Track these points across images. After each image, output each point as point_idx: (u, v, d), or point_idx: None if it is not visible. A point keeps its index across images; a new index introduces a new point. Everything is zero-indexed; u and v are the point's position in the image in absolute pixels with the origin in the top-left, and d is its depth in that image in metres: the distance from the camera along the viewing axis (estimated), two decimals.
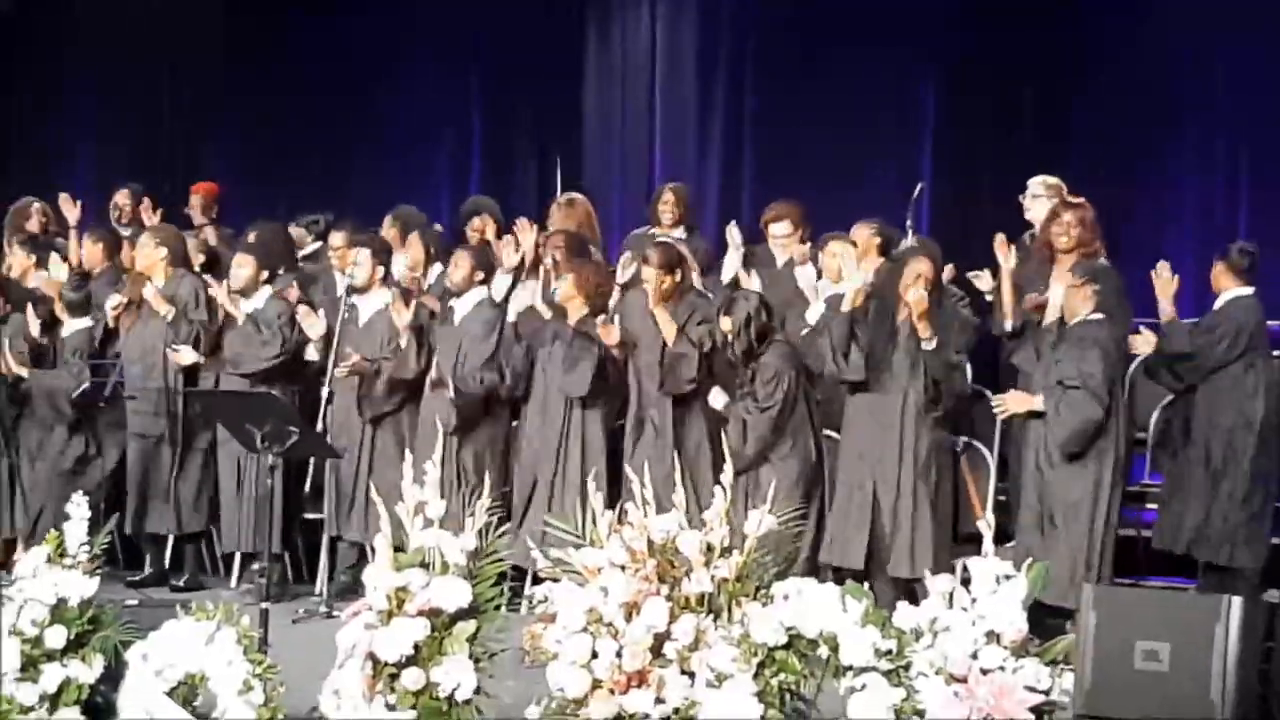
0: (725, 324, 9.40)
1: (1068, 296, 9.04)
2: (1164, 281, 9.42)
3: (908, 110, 13.53)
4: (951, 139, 13.21)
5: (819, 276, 10.25)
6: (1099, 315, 8.99)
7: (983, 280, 9.88)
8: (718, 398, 9.45)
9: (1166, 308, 9.41)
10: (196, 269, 11.15)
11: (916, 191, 9.93)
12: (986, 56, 12.89)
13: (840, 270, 9.84)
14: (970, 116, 12.99)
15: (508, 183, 14.15)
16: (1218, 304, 9.54)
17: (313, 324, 10.33)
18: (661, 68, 14.48)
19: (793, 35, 13.70)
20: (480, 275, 10.33)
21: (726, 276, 10.63)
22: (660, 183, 12.70)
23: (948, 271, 9.86)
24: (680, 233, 11.06)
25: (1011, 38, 12.66)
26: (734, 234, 10.69)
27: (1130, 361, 9.68)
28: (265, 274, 10.61)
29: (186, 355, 10.55)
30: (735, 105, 14.27)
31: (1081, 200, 9.74)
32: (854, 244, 9.97)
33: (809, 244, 10.55)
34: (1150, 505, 9.83)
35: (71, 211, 12.35)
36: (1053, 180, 10.12)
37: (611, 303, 10.09)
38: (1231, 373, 9.32)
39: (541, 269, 10.72)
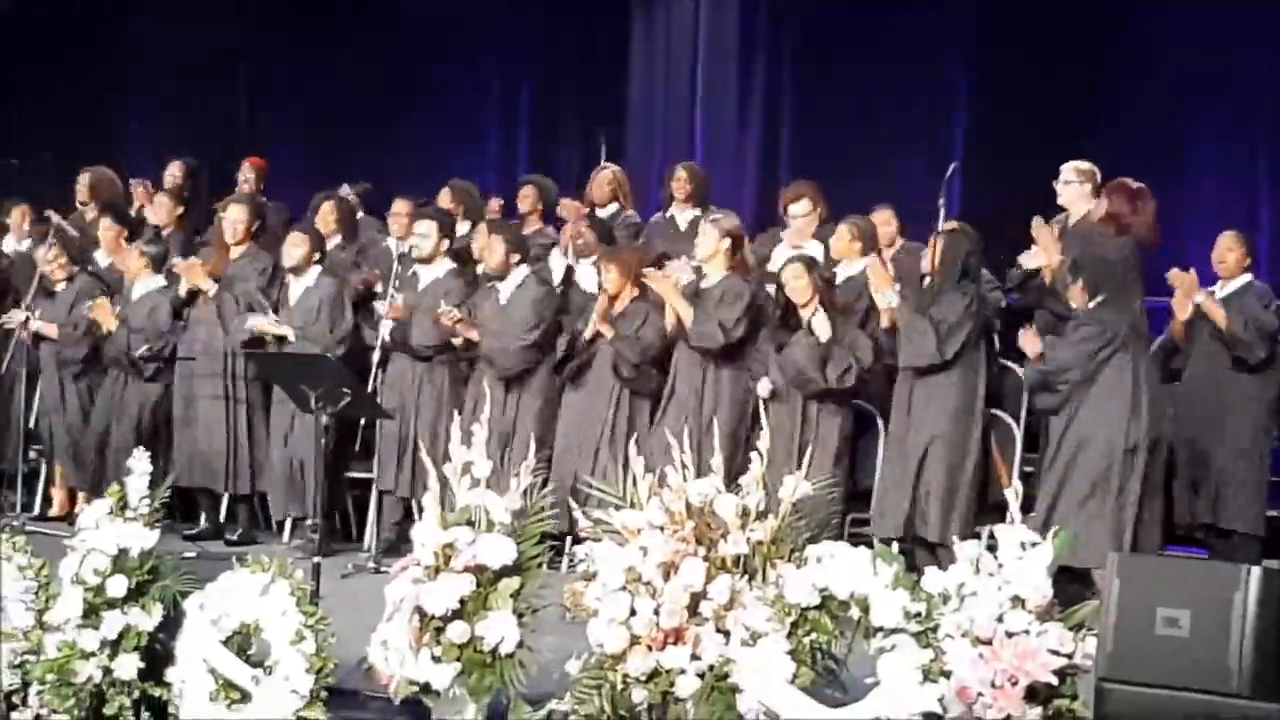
0: (797, 294, 9.42)
1: (1069, 296, 9.03)
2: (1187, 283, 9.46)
3: (941, 93, 13.52)
4: (984, 121, 13.18)
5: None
6: (1100, 297, 8.95)
7: (1030, 259, 9.85)
8: (764, 386, 9.41)
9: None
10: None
11: (949, 172, 9.86)
12: (1019, 39, 12.84)
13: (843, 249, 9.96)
14: (1002, 99, 12.95)
15: (554, 160, 14.18)
16: (1238, 285, 9.51)
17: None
18: (704, 50, 14.48)
19: (830, 20, 13.69)
20: (516, 256, 10.31)
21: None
22: (702, 161, 12.73)
23: None
24: (695, 210, 11.07)
25: (1044, 22, 12.60)
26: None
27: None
28: (317, 254, 10.62)
29: (260, 321, 10.56)
30: (774, 86, 14.28)
31: (1125, 182, 9.69)
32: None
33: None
34: None
35: (143, 197, 12.51)
36: (1084, 165, 10.05)
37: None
38: None
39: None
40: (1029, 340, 9.11)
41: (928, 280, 9.42)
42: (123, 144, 15.56)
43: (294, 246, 10.59)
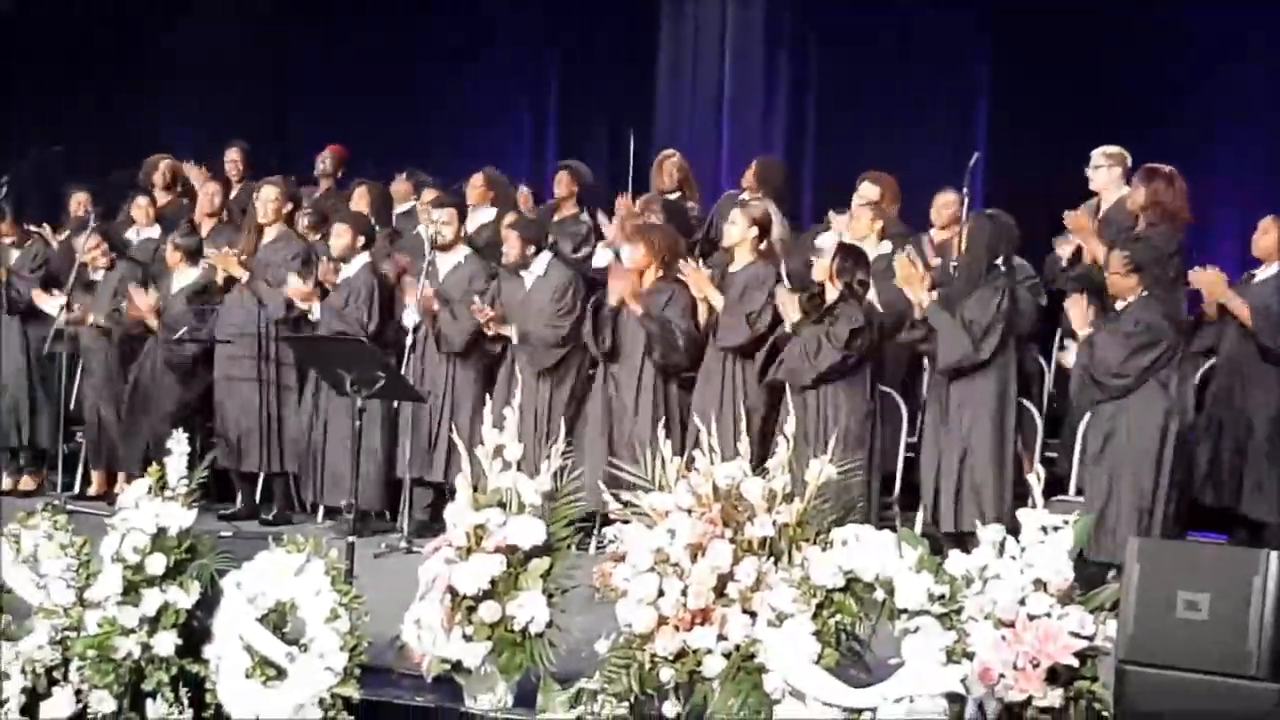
0: (816, 271, 9.31)
1: (1113, 282, 8.91)
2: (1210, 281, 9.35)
3: (963, 84, 13.45)
4: (1007, 111, 13.11)
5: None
6: (1145, 293, 8.87)
7: (1065, 246, 9.78)
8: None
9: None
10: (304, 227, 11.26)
11: (972, 162, 9.81)
12: (1041, 29, 12.76)
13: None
14: (1026, 89, 12.86)
15: (582, 151, 14.11)
16: (1277, 268, 9.41)
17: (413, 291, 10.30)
18: (731, 46, 14.44)
19: (855, 11, 13.63)
20: (531, 249, 10.27)
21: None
22: (728, 152, 12.69)
23: None
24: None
25: (1067, 11, 12.52)
26: (836, 220, 10.64)
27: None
28: (361, 240, 10.60)
29: (295, 283, 10.55)
30: (800, 81, 14.23)
31: (1158, 167, 9.58)
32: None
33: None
34: None
35: (195, 173, 12.55)
36: (1113, 150, 9.98)
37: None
38: None
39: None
40: (1078, 312, 8.98)
41: (954, 267, 9.32)
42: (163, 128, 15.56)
43: (338, 237, 10.59)
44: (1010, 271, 9.25)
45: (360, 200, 11.61)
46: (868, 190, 10.55)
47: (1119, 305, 8.88)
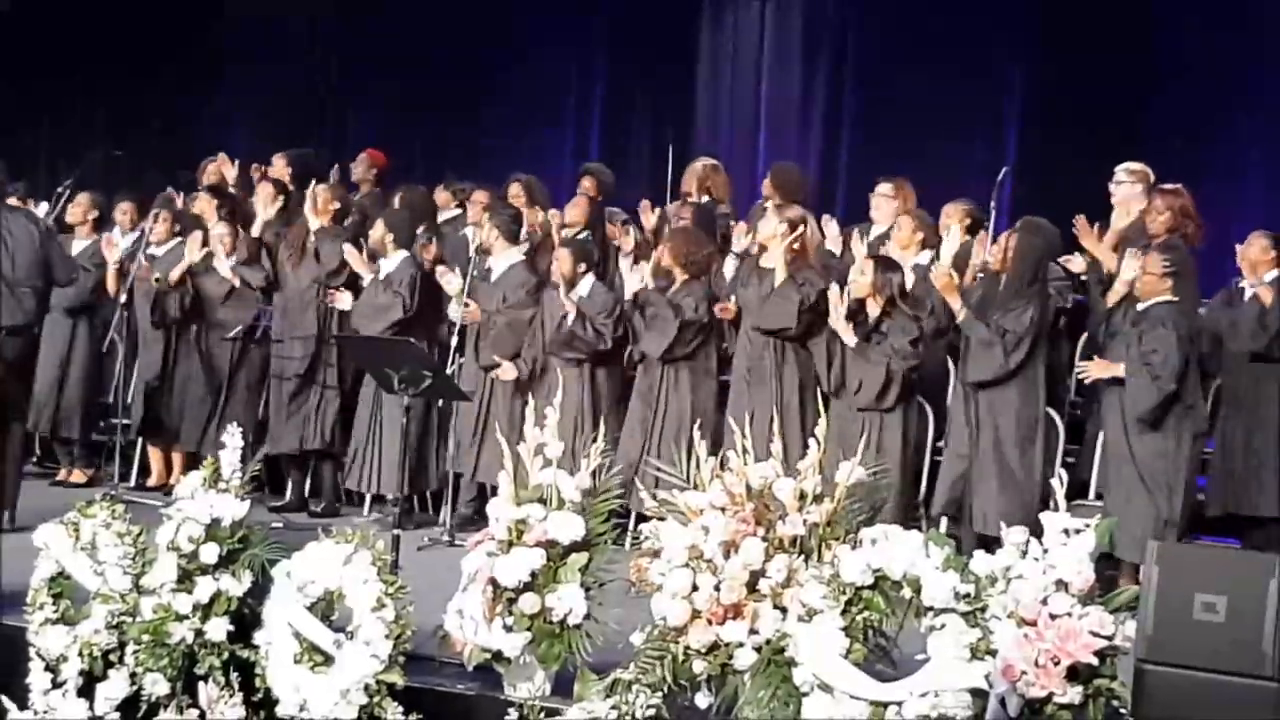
0: (858, 290, 9.29)
1: (1146, 282, 8.86)
2: None
3: (994, 99, 13.43)
4: (1038, 124, 13.09)
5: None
6: (1175, 298, 8.84)
7: (1074, 263, 9.75)
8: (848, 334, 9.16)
9: None
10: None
11: (1001, 175, 9.78)
12: (1070, 45, 12.75)
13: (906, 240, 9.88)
14: (1056, 102, 12.84)
15: (624, 158, 14.18)
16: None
17: (449, 280, 10.31)
18: (769, 53, 14.47)
19: (890, 27, 13.65)
20: (583, 267, 10.26)
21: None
22: (765, 161, 12.68)
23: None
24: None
25: (1097, 24, 12.51)
26: (831, 226, 10.62)
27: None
28: (394, 237, 10.62)
29: (344, 300, 10.60)
30: (835, 90, 14.27)
31: (1174, 187, 9.52)
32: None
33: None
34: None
35: (229, 170, 12.54)
36: (1136, 166, 9.93)
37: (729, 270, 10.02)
38: None
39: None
40: (1103, 368, 8.91)
41: (980, 276, 9.28)
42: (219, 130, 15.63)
43: (375, 231, 10.66)
44: (1046, 283, 9.22)
45: (402, 206, 11.62)
46: (883, 188, 10.52)
47: (1139, 306, 8.88)
